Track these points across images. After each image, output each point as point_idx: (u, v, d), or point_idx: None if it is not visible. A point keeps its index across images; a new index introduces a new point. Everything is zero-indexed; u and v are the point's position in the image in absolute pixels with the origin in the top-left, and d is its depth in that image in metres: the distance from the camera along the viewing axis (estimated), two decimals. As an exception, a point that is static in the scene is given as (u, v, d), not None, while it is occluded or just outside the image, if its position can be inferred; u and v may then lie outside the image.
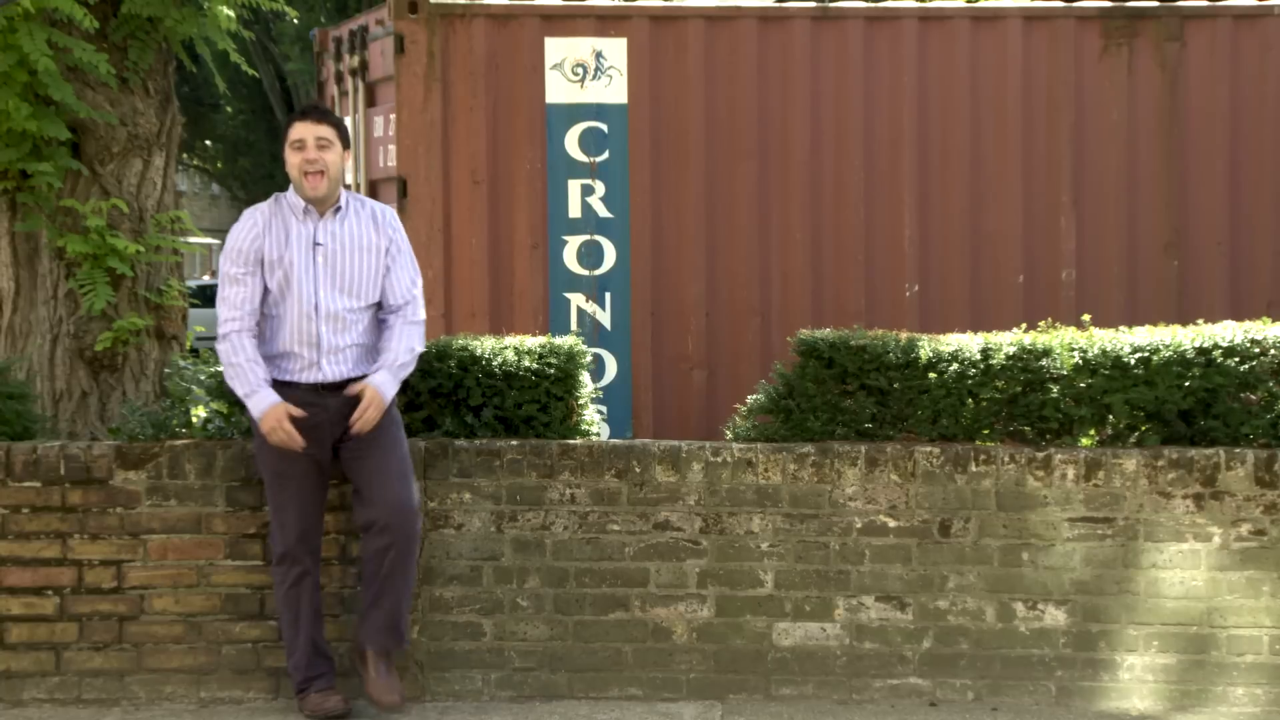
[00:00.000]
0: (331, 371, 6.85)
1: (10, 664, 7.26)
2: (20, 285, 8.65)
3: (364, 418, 6.79)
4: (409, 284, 7.00)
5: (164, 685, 7.29)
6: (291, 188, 6.94)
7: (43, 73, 8.06)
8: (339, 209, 6.91)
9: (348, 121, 11.54)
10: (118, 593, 7.25)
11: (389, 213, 7.05)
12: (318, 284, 6.83)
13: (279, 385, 6.84)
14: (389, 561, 6.88)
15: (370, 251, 6.91)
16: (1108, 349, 7.38)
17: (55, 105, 8.29)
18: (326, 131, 6.89)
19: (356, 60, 11.34)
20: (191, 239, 9.57)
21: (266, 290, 6.86)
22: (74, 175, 8.49)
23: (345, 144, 6.93)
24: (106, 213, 8.44)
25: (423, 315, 7.03)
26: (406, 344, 6.93)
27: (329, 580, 7.25)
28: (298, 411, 6.78)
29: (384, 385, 6.85)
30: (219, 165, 44.21)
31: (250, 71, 9.76)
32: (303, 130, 6.89)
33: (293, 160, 6.88)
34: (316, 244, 6.85)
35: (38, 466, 7.24)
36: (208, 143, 42.74)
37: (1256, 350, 7.39)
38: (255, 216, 6.93)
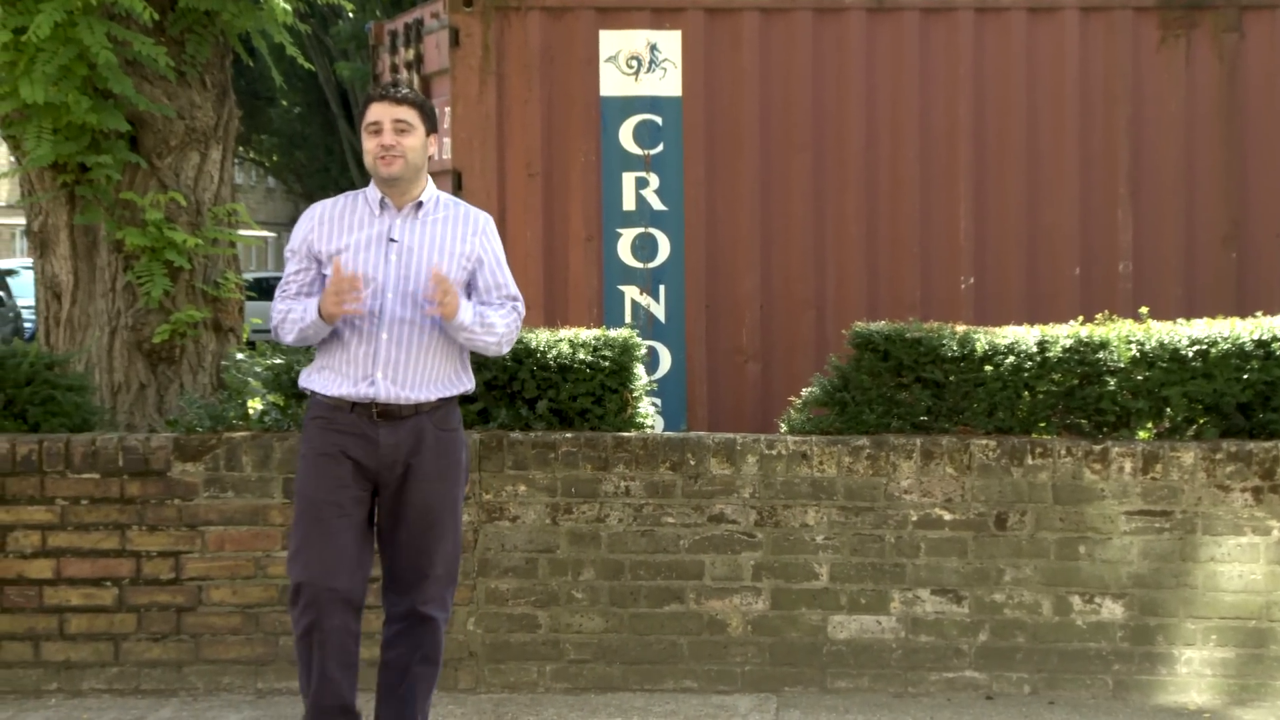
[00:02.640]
0: (386, 391, 5.84)
1: (70, 654, 7.32)
2: (79, 278, 8.71)
3: (436, 291, 5.78)
4: (504, 282, 6.07)
5: (221, 676, 7.33)
6: (371, 181, 6.03)
7: (102, 66, 8.11)
8: (421, 204, 5.97)
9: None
10: (176, 584, 7.30)
11: (484, 220, 6.08)
12: (385, 284, 5.86)
13: (322, 403, 5.92)
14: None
15: (449, 256, 5.93)
16: (1165, 341, 7.34)
17: (114, 98, 8.33)
18: (406, 113, 5.93)
19: (412, 53, 11.36)
20: (248, 232, 9.60)
21: (324, 280, 5.93)
22: (132, 168, 8.54)
23: (430, 127, 5.99)
24: (164, 206, 8.49)
25: (523, 310, 6.13)
26: (503, 314, 6.00)
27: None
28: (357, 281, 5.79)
29: (465, 306, 5.88)
30: (274, 159, 44.42)
31: (306, 65, 9.79)
32: (379, 112, 5.94)
33: (368, 145, 5.96)
34: (391, 240, 5.90)
35: (96, 458, 7.29)
36: (263, 136, 42.93)
37: (1316, 343, 7.34)
38: (316, 210, 6.05)
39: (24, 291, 26.05)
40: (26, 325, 25.50)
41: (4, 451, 7.27)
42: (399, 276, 5.88)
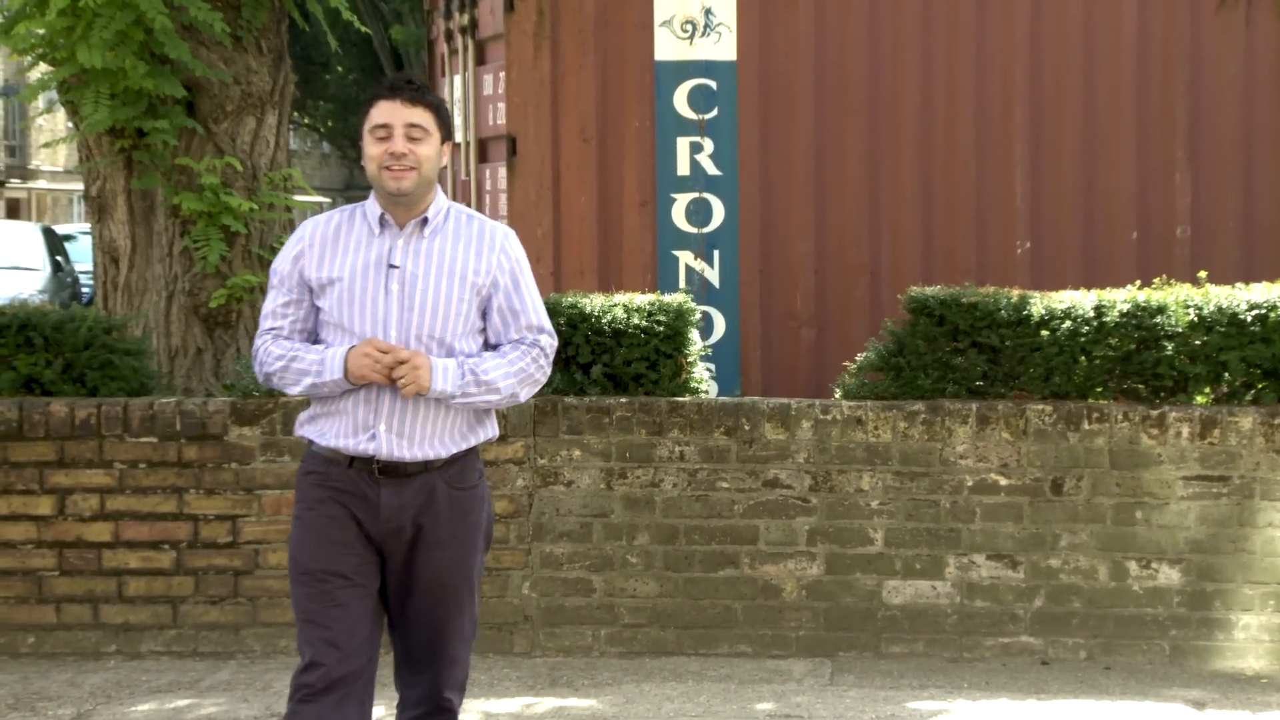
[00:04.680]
0: (389, 446, 4.86)
1: (129, 616, 7.38)
2: (136, 243, 8.75)
3: (404, 376, 4.79)
4: (525, 309, 5.00)
5: (278, 639, 7.37)
6: (372, 193, 5.00)
7: (159, 31, 8.14)
8: (426, 220, 4.93)
9: (457, 81, 11.58)
10: (233, 547, 7.34)
11: (502, 236, 5.00)
12: (388, 318, 4.86)
13: (316, 457, 4.97)
14: None
15: (459, 282, 4.90)
16: (1223, 306, 7.29)
17: (171, 64, 8.36)
18: (422, 116, 4.87)
19: (466, 18, 11.36)
20: (303, 197, 9.63)
21: (319, 312, 4.98)
22: (189, 133, 8.57)
23: (446, 133, 4.94)
24: (221, 171, 8.52)
25: (553, 342, 5.05)
26: (511, 360, 4.95)
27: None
28: (388, 344, 4.84)
29: (440, 371, 4.84)
30: (329, 124, 44.51)
31: (362, 29, 9.80)
32: (389, 113, 4.86)
33: (371, 152, 4.87)
34: (392, 266, 4.88)
35: (154, 422, 7.34)
36: (319, 102, 43.03)
37: (1376, 307, 7.28)
38: (307, 229, 5.00)
39: (82, 257, 26.17)
40: (84, 290, 25.64)
41: (63, 415, 7.32)
42: (402, 310, 4.87)
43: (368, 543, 4.92)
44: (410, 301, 4.87)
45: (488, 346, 4.98)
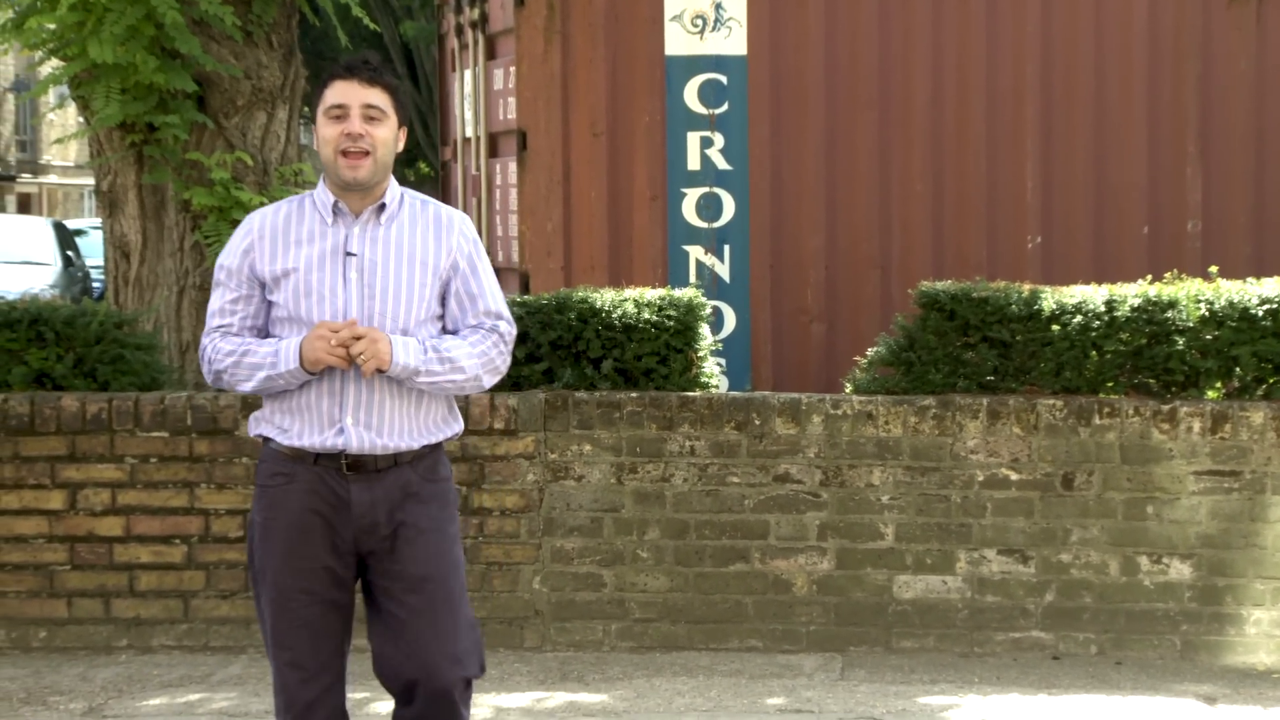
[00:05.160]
0: (359, 439, 4.66)
1: (140, 611, 7.39)
2: (147, 237, 8.76)
3: (363, 353, 4.59)
4: (482, 294, 4.82)
5: (289, 633, 7.37)
6: (322, 180, 4.81)
7: (169, 26, 8.15)
8: (383, 206, 4.76)
9: (467, 76, 11.58)
10: (244, 542, 7.33)
11: (459, 220, 4.86)
12: (347, 307, 4.68)
13: (278, 455, 4.73)
14: None
15: (420, 267, 4.75)
16: (1235, 300, 7.28)
17: (181, 58, 8.37)
18: (378, 97, 4.70)
19: (477, 13, 11.36)
20: (314, 191, 9.61)
21: (271, 308, 4.77)
22: (199, 128, 8.57)
23: (403, 117, 4.77)
24: (231, 165, 8.53)
25: (512, 330, 4.87)
26: (474, 341, 4.77)
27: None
28: (342, 323, 4.64)
29: (400, 345, 4.66)
30: (339, 119, 44.51)
31: (372, 25, 9.80)
32: (344, 93, 4.69)
33: (326, 134, 4.69)
34: (348, 254, 4.71)
35: (165, 417, 7.34)
36: (328, 97, 43.00)
37: (1388, 302, 7.27)
38: (254, 220, 4.81)
39: (93, 251, 26.17)
40: (95, 285, 25.65)
41: (74, 410, 7.33)
42: (362, 298, 4.69)
43: (338, 550, 4.68)
44: (370, 290, 4.71)
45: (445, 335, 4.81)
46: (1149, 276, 7.89)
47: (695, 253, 9.99)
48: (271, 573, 4.70)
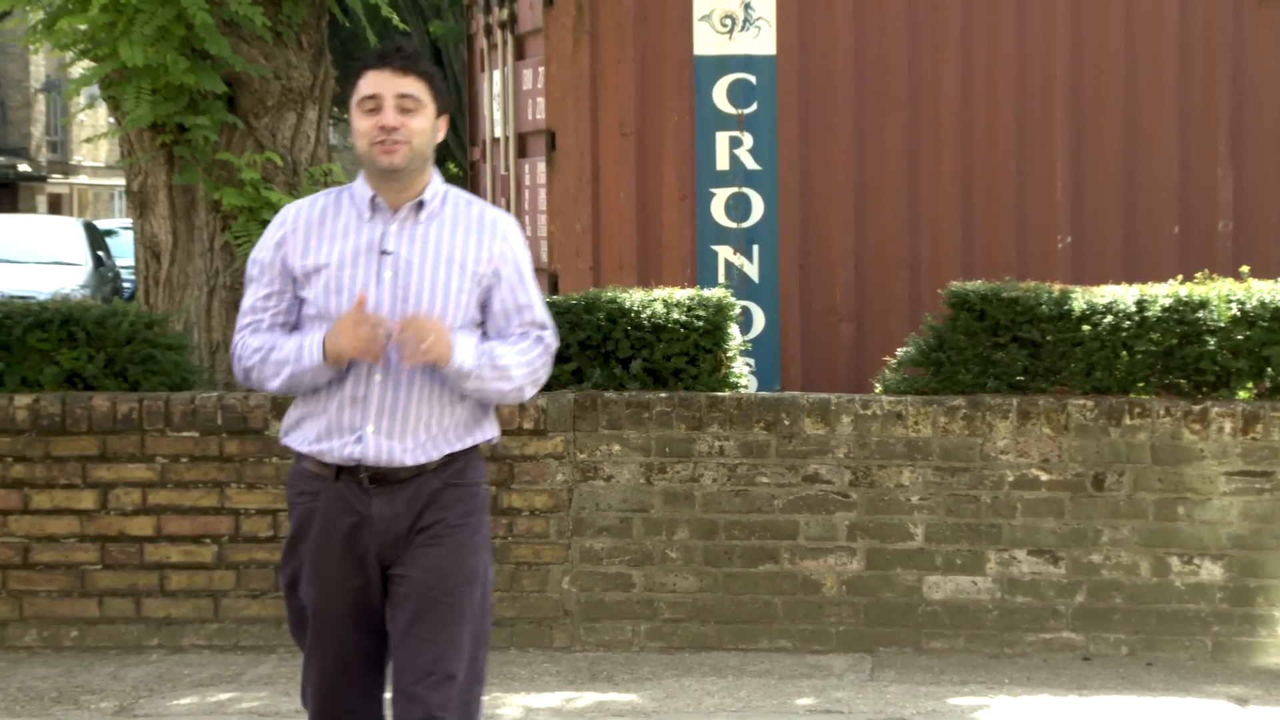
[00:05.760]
0: (377, 449, 4.43)
1: (170, 610, 7.41)
2: (178, 237, 8.79)
3: (414, 341, 4.36)
4: (528, 304, 4.60)
5: (319, 632, 7.39)
6: (361, 173, 4.59)
7: (199, 26, 8.17)
8: (422, 203, 4.52)
9: (496, 76, 11.59)
10: (274, 541, 7.36)
11: (505, 224, 4.60)
12: (379, 308, 4.43)
13: (304, 475, 4.55)
14: None
15: (459, 270, 4.49)
16: (1266, 300, 7.26)
17: (211, 59, 8.39)
18: (413, 85, 4.46)
19: (506, 13, 11.36)
20: (343, 192, 9.63)
21: (303, 305, 4.56)
22: (229, 129, 8.60)
23: (442, 106, 4.52)
24: (261, 166, 8.55)
25: (555, 342, 4.65)
26: (522, 350, 4.55)
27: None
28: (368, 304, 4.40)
29: (461, 343, 4.44)
30: (368, 119, 44.60)
31: (401, 25, 9.81)
32: (377, 83, 4.46)
33: (361, 126, 4.46)
34: (384, 252, 4.47)
35: (195, 417, 7.36)
36: (357, 97, 43.10)
37: None
38: (289, 213, 4.61)
39: (123, 251, 26.25)
40: (126, 285, 25.72)
41: (105, 410, 7.35)
42: (395, 300, 4.45)
43: (365, 567, 4.49)
44: (404, 291, 4.45)
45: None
46: (1180, 276, 7.86)
47: (724, 253, 9.99)
48: (302, 594, 4.55)
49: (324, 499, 4.49)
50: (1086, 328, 7.29)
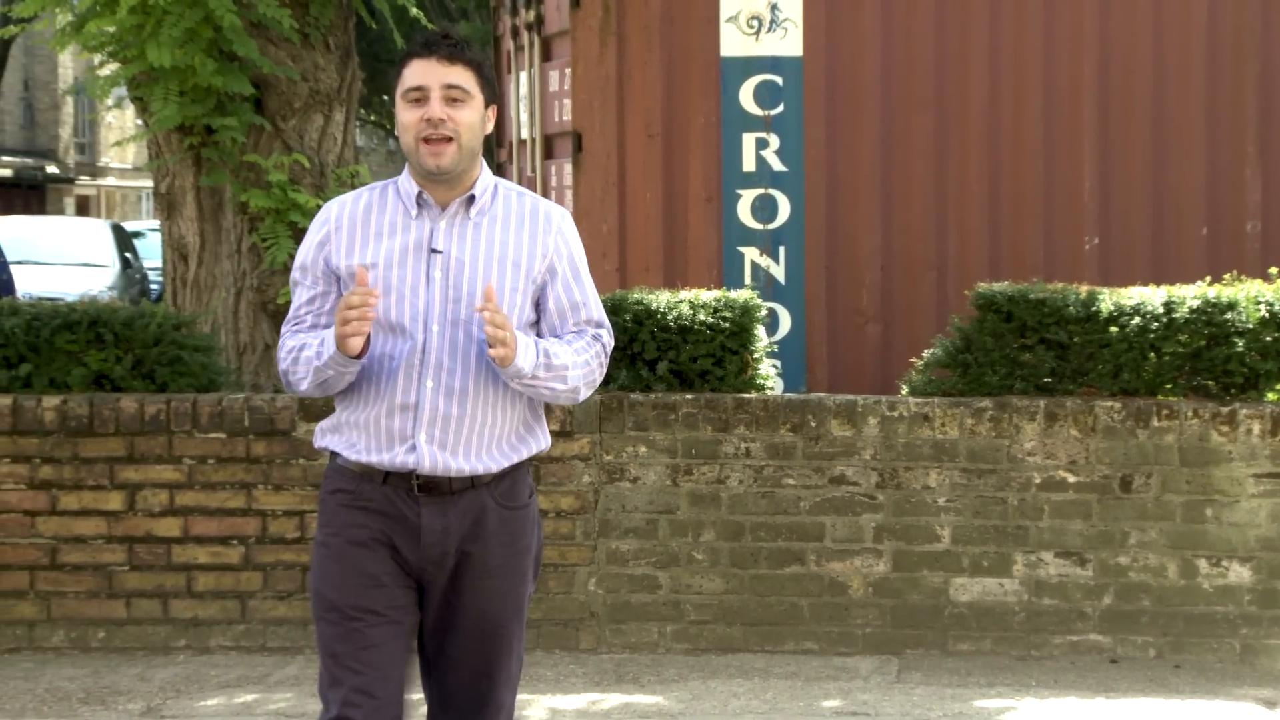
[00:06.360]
0: (432, 459, 4.23)
1: (198, 611, 7.42)
2: (205, 239, 8.81)
3: (498, 330, 4.13)
4: (584, 302, 4.41)
5: (346, 633, 7.40)
6: (406, 168, 4.38)
7: (227, 28, 8.19)
8: (473, 198, 4.31)
9: (522, 77, 11.60)
10: (300, 543, 7.38)
11: (559, 217, 4.40)
12: (429, 309, 4.24)
13: (344, 470, 4.32)
14: None
15: (512, 269, 4.30)
16: (1295, 302, 7.23)
17: (239, 61, 8.41)
18: (460, 75, 4.24)
19: (532, 15, 11.37)
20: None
21: None
22: (257, 130, 8.61)
23: (491, 96, 4.31)
24: (288, 168, 8.57)
25: (611, 341, 4.47)
26: (579, 349, 4.35)
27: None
28: (372, 292, 4.16)
29: (523, 344, 4.21)
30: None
31: (429, 26, 9.82)
32: (424, 73, 4.24)
33: (406, 119, 4.25)
34: (433, 251, 4.27)
35: (223, 418, 7.38)
36: (385, 98, 43.17)
37: None
38: (332, 210, 4.38)
39: (151, 253, 26.33)
40: (153, 286, 25.80)
41: (133, 411, 7.37)
42: (446, 300, 4.25)
43: (404, 573, 4.28)
44: (456, 291, 4.24)
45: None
46: (1208, 278, 7.84)
47: (750, 254, 9.98)
48: (333, 594, 4.27)
49: (367, 498, 4.27)
50: (1114, 329, 7.27)
